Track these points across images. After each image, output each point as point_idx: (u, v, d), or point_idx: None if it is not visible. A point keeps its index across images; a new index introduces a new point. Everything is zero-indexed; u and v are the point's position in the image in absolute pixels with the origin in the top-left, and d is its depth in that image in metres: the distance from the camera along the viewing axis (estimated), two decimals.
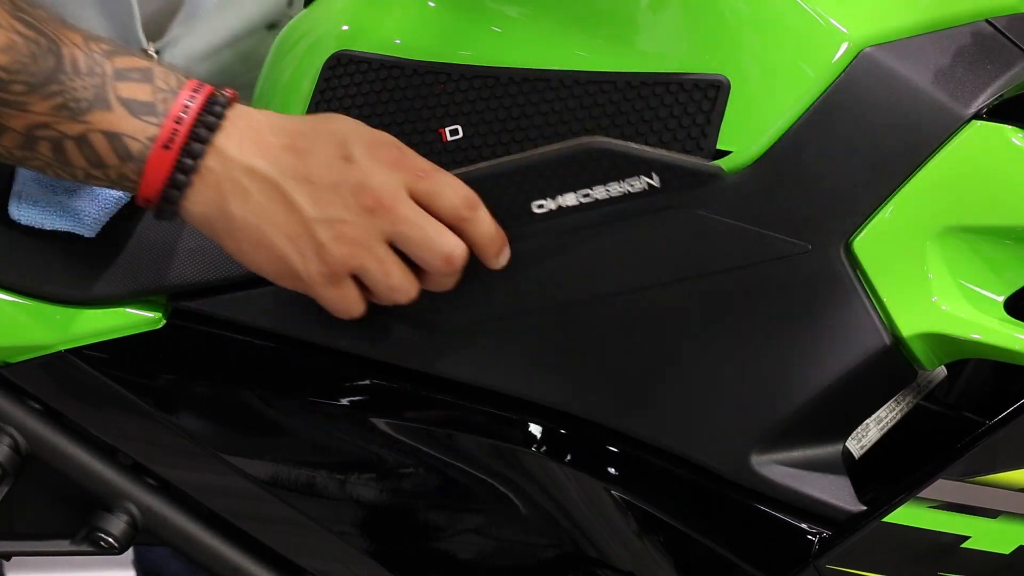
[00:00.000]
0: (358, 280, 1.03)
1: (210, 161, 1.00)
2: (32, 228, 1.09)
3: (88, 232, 1.09)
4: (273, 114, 1.04)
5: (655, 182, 1.02)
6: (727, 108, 1.02)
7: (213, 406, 1.13)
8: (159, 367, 1.12)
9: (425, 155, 1.06)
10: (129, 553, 1.30)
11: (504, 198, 1.04)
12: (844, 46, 1.01)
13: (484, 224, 1.03)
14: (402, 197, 1.01)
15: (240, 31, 1.24)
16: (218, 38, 1.23)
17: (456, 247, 1.02)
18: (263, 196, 1.01)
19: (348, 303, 1.03)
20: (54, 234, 1.09)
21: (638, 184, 1.03)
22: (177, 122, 1.00)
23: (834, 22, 1.02)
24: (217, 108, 1.01)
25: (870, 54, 1.01)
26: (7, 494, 1.12)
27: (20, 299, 1.09)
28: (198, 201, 1.01)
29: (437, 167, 1.03)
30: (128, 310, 1.10)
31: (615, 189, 1.03)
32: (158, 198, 1.01)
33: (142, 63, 1.02)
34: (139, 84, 1.01)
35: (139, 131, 1.00)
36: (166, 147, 1.00)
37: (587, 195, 1.03)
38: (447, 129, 1.06)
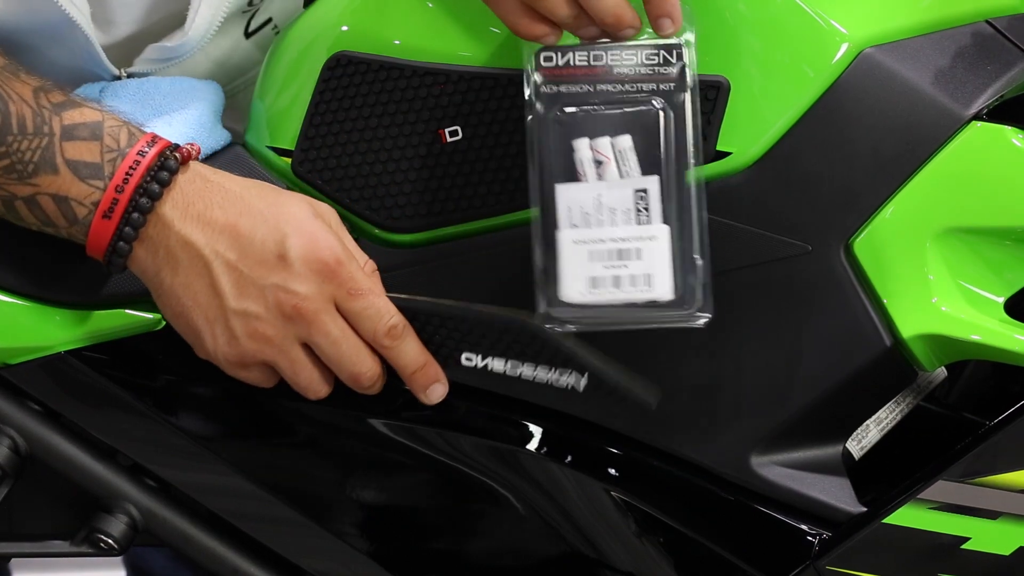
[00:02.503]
0: None
1: (150, 228, 1.01)
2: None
3: None
4: (229, 180, 1.03)
5: (580, 386, 1.03)
6: (727, 109, 1.02)
7: (213, 406, 1.13)
8: (159, 368, 1.12)
9: (424, 156, 1.06)
10: None
11: (435, 339, 1.05)
12: (844, 47, 1.01)
13: (406, 355, 1.04)
14: (325, 309, 1.01)
15: (212, 36, 1.23)
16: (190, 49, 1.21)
17: (367, 370, 1.03)
18: (192, 272, 1.01)
19: (257, 382, 1.05)
20: (56, 237, 1.09)
21: (564, 380, 1.03)
22: (118, 191, 1.00)
23: (834, 23, 1.01)
24: (164, 175, 1.00)
25: (870, 55, 1.01)
26: (7, 495, 1.11)
27: (20, 300, 1.09)
28: (136, 261, 1.02)
29: (374, 287, 1.03)
30: (128, 311, 1.10)
31: (542, 376, 1.04)
32: (103, 259, 1.02)
33: (92, 116, 1.01)
34: (87, 143, 1.00)
35: (84, 195, 1.00)
36: (106, 216, 1.00)
37: (515, 368, 1.04)
38: (447, 130, 1.06)
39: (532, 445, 1.08)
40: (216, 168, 1.04)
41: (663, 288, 0.98)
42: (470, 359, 1.05)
